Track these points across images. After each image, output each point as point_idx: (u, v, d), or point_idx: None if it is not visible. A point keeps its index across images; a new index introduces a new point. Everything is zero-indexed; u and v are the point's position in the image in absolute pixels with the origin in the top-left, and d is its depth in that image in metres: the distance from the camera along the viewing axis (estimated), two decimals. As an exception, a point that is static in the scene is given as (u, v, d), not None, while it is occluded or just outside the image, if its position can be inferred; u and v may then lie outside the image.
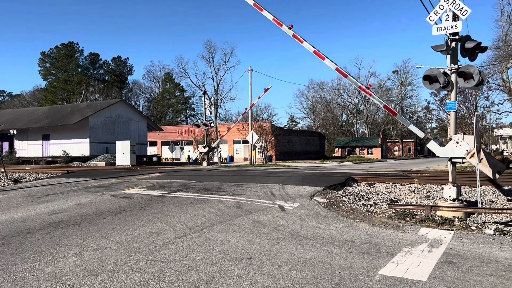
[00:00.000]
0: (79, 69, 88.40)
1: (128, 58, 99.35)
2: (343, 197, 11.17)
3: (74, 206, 10.21)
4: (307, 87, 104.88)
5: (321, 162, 44.30)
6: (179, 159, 57.67)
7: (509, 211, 8.68)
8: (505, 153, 29.73)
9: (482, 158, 8.88)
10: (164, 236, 6.84)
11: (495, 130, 36.08)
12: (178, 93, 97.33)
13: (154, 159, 46.66)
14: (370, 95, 11.28)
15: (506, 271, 4.96)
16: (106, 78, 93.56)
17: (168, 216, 8.66)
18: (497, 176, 9.33)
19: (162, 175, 18.30)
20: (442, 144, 9.67)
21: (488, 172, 9.10)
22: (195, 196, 11.40)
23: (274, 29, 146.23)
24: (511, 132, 38.82)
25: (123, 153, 34.39)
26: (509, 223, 8.50)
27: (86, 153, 38.12)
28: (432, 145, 9.70)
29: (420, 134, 10.66)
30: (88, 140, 38.53)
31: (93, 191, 12.97)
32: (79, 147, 38.65)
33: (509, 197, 11.28)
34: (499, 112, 45.65)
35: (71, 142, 39.01)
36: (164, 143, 61.42)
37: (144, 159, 41.96)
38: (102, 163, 34.62)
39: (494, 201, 11.01)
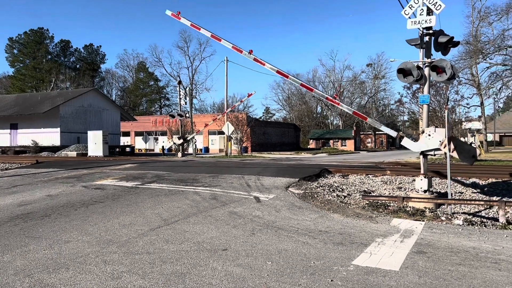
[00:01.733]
0: (49, 56, 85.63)
1: (100, 46, 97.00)
2: (318, 188, 11.27)
3: (44, 197, 9.92)
4: (283, 79, 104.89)
5: (296, 154, 44.63)
6: (153, 150, 56.92)
7: (477, 202, 8.97)
8: (473, 146, 30.69)
9: (456, 147, 9.12)
10: (138, 228, 6.73)
11: (464, 123, 37.19)
12: (152, 83, 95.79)
13: (128, 149, 45.88)
14: (338, 104, 11.57)
15: (474, 260, 5.12)
16: (78, 66, 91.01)
17: (142, 207, 8.53)
18: (473, 160, 9.63)
19: (136, 166, 18.01)
20: (415, 140, 9.87)
21: (464, 159, 9.39)
22: (169, 187, 11.27)
23: (251, 20, 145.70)
24: (479, 125, 40.14)
25: (95, 143, 33.66)
26: (477, 214, 8.79)
27: (57, 143, 37.11)
28: (406, 142, 9.89)
29: (393, 133, 10.87)
30: (58, 129, 37.49)
31: (64, 182, 12.64)
32: (49, 136, 37.58)
33: (476, 189, 11.66)
34: (468, 106, 47.05)
35: (41, 132, 37.87)
36: (137, 134, 60.43)
37: (117, 149, 41.21)
38: (74, 154, 33.81)
39: (463, 192, 11.36)
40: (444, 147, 9.07)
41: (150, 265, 4.82)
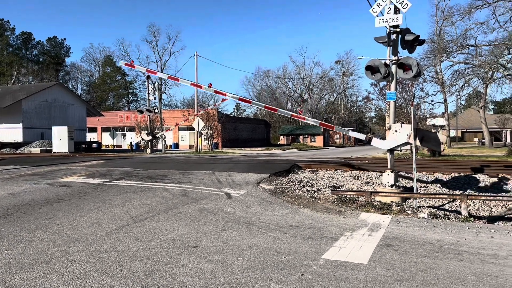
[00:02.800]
0: (10, 49, 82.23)
1: (65, 39, 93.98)
2: (288, 184, 11.37)
3: (5, 195, 9.53)
4: (253, 75, 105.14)
5: (267, 150, 44.83)
6: (121, 146, 55.77)
7: (441, 196, 9.29)
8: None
9: (423, 137, 9.44)
10: (105, 226, 6.58)
11: (428, 120, 38.38)
12: (120, 77, 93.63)
13: (94, 146, 44.78)
14: (304, 118, 11.95)
15: (438, 252, 5.30)
16: (41, 59, 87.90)
17: (109, 205, 8.34)
18: (442, 147, 10.01)
19: (103, 163, 17.60)
20: (383, 138, 10.12)
21: (433, 147, 9.74)
22: (138, 184, 11.08)
23: (222, 15, 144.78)
24: (443, 121, 41.54)
25: (60, 139, 32.64)
26: (441, 207, 9.10)
27: (19, 139, 35.75)
28: (376, 142, 10.13)
29: (362, 136, 11.11)
30: (21, 125, 36.14)
31: (27, 179, 12.20)
32: (11, 132, 36.16)
33: (440, 184, 12.07)
34: (433, 103, 48.58)
35: (2, 127, 36.42)
36: (104, 129, 59.03)
37: (83, 145, 40.14)
38: (37, 150, 32.70)
39: (428, 186, 11.73)
40: (412, 139, 9.35)
41: (119, 264, 4.73)
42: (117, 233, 6.15)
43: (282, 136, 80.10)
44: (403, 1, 9.34)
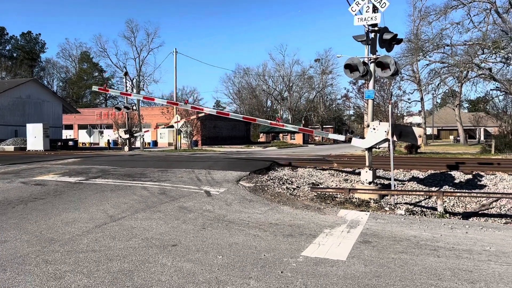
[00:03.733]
0: (-18, 44, 79.73)
1: (40, 34, 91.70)
2: (268, 181, 11.38)
3: (-23, 195, 9.23)
4: (233, 72, 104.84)
5: (247, 147, 44.80)
6: (98, 144, 54.79)
7: (417, 193, 9.46)
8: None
9: (401, 132, 9.60)
10: (82, 225, 6.45)
11: (405, 118, 39.08)
12: (97, 74, 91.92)
13: (71, 143, 43.78)
14: (283, 125, 12.10)
15: (415, 248, 5.39)
16: (15, 55, 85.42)
17: (86, 204, 8.18)
18: (419, 141, 10.20)
19: (80, 161, 17.26)
20: (362, 137, 10.24)
21: (411, 141, 9.94)
22: (116, 182, 10.90)
23: (201, 12, 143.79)
24: (420, 119, 42.37)
25: (35, 136, 31.84)
26: (418, 204, 9.27)
27: (-8, 136, 34.73)
28: (355, 142, 10.24)
29: (341, 138, 11.25)
30: (-7, 122, 35.09)
31: (0, 177, 11.84)
32: (-17, 130, 35.08)
33: (417, 181, 12.29)
34: (410, 101, 49.50)
35: (-27, 124, 35.27)
36: (81, 127, 57.87)
37: (59, 143, 39.22)
38: (11, 148, 31.83)
39: (405, 183, 11.93)
40: (389, 136, 9.50)
41: (96, 264, 4.63)
42: (94, 232, 6.04)
43: (262, 134, 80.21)
44: (381, 0, 9.45)
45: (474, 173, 13.21)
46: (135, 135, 33.11)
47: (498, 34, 25.19)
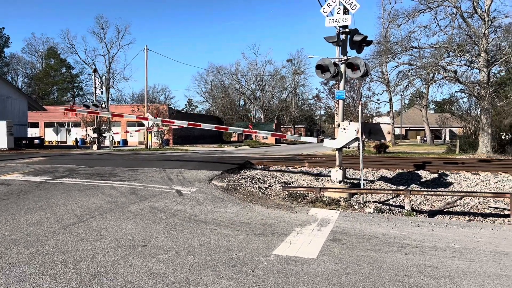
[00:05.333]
0: None
1: (3, 28, 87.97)
2: (241, 181, 11.38)
3: None
4: (206, 71, 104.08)
5: (219, 147, 44.63)
6: (65, 142, 53.31)
7: (386, 192, 9.68)
8: (382, 140, 33.25)
9: (370, 130, 9.81)
10: (48, 226, 6.26)
11: (374, 118, 39.93)
12: (65, 70, 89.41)
13: (36, 141, 42.40)
14: (255, 132, 12.27)
15: (383, 246, 5.51)
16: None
17: (52, 204, 7.94)
18: (388, 137, 10.48)
19: (46, 160, 16.73)
20: (333, 138, 10.41)
21: (380, 138, 10.18)
22: (84, 182, 10.63)
23: (173, 8, 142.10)
24: (388, 120, 43.38)
25: (-2, 134, 30.67)
26: (386, 202, 9.49)
27: (-49, 134, 33.13)
28: (327, 143, 10.37)
29: (313, 140, 11.39)
30: (-47, 119, 33.50)
31: (-41, 177, 11.34)
32: None
33: (385, 180, 12.58)
34: (379, 102, 50.74)
35: None
36: (47, 124, 56.13)
37: (24, 141, 37.91)
38: (-28, 146, 30.49)
39: (374, 182, 12.18)
40: (358, 133, 9.70)
41: (63, 265, 4.51)
42: (60, 233, 5.87)
43: (234, 133, 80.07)
44: (352, 2, 9.61)
45: (440, 172, 13.64)
46: (103, 134, 32.41)
47: (463, 38, 26.06)
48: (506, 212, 9.82)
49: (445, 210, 10.38)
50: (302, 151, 29.37)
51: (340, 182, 10.01)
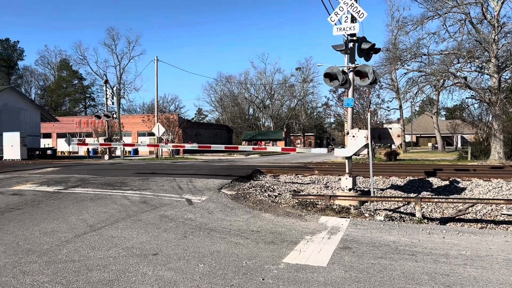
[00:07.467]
0: (-43, 51, 77.79)
1: (18, 41, 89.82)
2: (250, 189, 11.41)
3: (-50, 205, 8.98)
4: (215, 80, 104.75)
5: (229, 155, 44.74)
6: (77, 153, 53.83)
7: (396, 199, 9.63)
8: (393, 146, 33.05)
9: (380, 135, 9.82)
10: (61, 235, 6.35)
11: (384, 125, 39.73)
12: (76, 82, 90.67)
13: (49, 152, 42.95)
14: (265, 149, 12.39)
15: (394, 253, 5.49)
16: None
17: (65, 213, 8.05)
18: (397, 141, 10.46)
19: (58, 170, 16.96)
20: (343, 146, 10.42)
21: (390, 142, 10.23)
22: (96, 191, 10.76)
23: (183, 20, 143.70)
24: (398, 127, 43.16)
25: (11, 145, 31.16)
26: (397, 210, 9.43)
27: (-34, 145, 33.75)
28: (338, 152, 10.39)
29: (324, 151, 11.47)
30: (-32, 131, 34.13)
31: (-26, 188, 11.55)
32: (-43, 139, 34.06)
33: (395, 187, 12.50)
34: (389, 109, 50.45)
35: None
36: (60, 135, 56.86)
37: (37, 152, 38.41)
38: (-14, 157, 31.01)
39: (384, 189, 12.12)
40: (368, 140, 9.71)
41: (75, 274, 4.57)
42: (73, 242, 5.95)
43: (244, 142, 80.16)
44: (359, 11, 9.66)
45: (451, 179, 13.52)
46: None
47: (472, 44, 25.93)
48: (520, 219, 9.68)
49: (456, 217, 10.28)
50: (311, 159, 29.30)
51: (350, 190, 9.98)
